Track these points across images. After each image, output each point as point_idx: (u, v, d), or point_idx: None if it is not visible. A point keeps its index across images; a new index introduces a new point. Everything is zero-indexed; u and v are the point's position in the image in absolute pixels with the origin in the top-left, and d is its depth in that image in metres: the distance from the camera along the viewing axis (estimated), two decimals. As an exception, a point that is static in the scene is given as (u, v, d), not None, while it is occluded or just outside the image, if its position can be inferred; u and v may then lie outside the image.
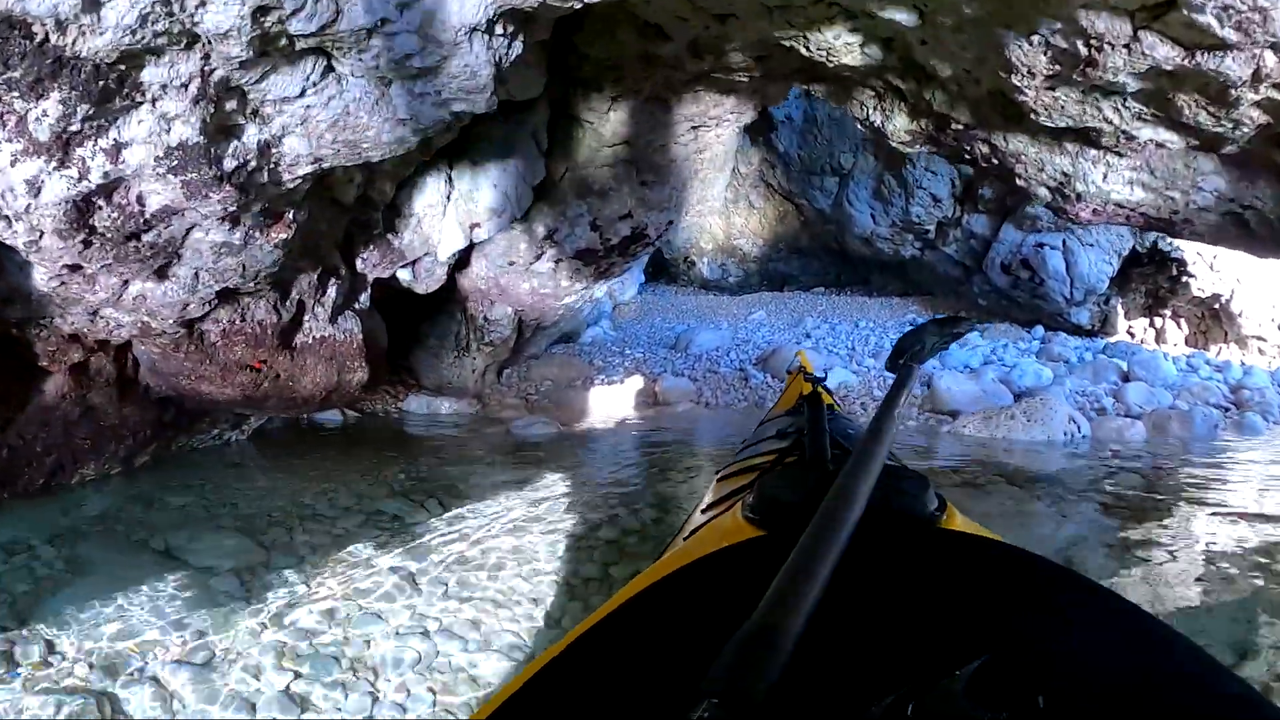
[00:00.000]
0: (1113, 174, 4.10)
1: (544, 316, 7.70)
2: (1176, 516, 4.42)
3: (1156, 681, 0.73)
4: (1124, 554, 3.80)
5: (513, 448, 5.84)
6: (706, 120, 6.52)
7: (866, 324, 11.24)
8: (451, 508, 4.31)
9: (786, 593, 0.69)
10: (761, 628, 0.64)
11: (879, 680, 0.66)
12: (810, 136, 12.21)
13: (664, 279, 15.34)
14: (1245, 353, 9.67)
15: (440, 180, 5.52)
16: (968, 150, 4.52)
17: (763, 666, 0.59)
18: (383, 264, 5.61)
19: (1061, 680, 0.70)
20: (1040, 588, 0.91)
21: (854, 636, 0.77)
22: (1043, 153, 4.22)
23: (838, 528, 0.80)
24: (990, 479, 5.06)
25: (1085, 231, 9.95)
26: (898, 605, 0.84)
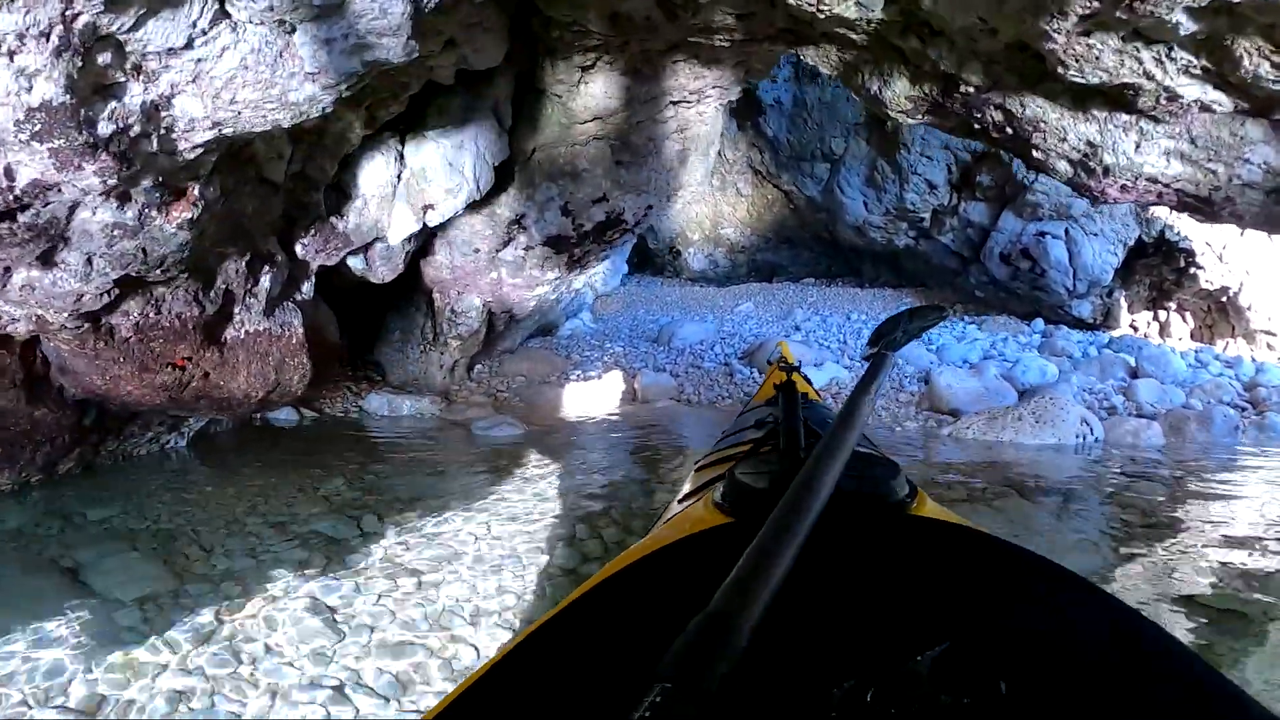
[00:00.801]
0: (1147, 143, 3.58)
1: (515, 308, 7.17)
2: (1217, 547, 3.91)
3: (1121, 665, 0.71)
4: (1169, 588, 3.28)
5: (472, 453, 5.31)
6: (687, 95, 5.97)
7: (859, 316, 10.79)
8: (391, 528, 3.81)
9: (745, 579, 0.65)
10: (717, 614, 0.61)
11: (842, 665, 0.65)
12: (800, 121, 11.68)
13: (649, 270, 14.87)
14: (1254, 348, 9.23)
15: (389, 158, 4.97)
16: (977, 118, 3.99)
17: (717, 653, 0.57)
18: (327, 250, 5.06)
19: (1025, 665, 0.68)
20: (1006, 573, 0.90)
21: (818, 622, 0.76)
22: (1065, 119, 3.69)
23: (801, 514, 0.77)
24: (999, 490, 4.55)
25: (1089, 220, 9.48)
26: (863, 590, 0.82)
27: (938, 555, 0.94)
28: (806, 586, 0.75)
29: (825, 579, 0.82)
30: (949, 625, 0.75)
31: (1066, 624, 0.80)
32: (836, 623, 0.77)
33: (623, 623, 0.85)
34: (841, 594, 0.82)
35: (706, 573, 0.73)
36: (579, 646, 0.82)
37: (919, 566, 0.90)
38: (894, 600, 0.81)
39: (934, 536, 1.02)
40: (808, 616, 0.76)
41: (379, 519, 3.91)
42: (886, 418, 6.56)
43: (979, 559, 0.94)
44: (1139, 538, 3.88)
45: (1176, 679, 0.71)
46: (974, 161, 10.24)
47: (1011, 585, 0.88)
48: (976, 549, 0.97)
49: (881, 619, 0.77)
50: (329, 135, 4.49)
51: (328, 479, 4.55)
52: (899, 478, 1.18)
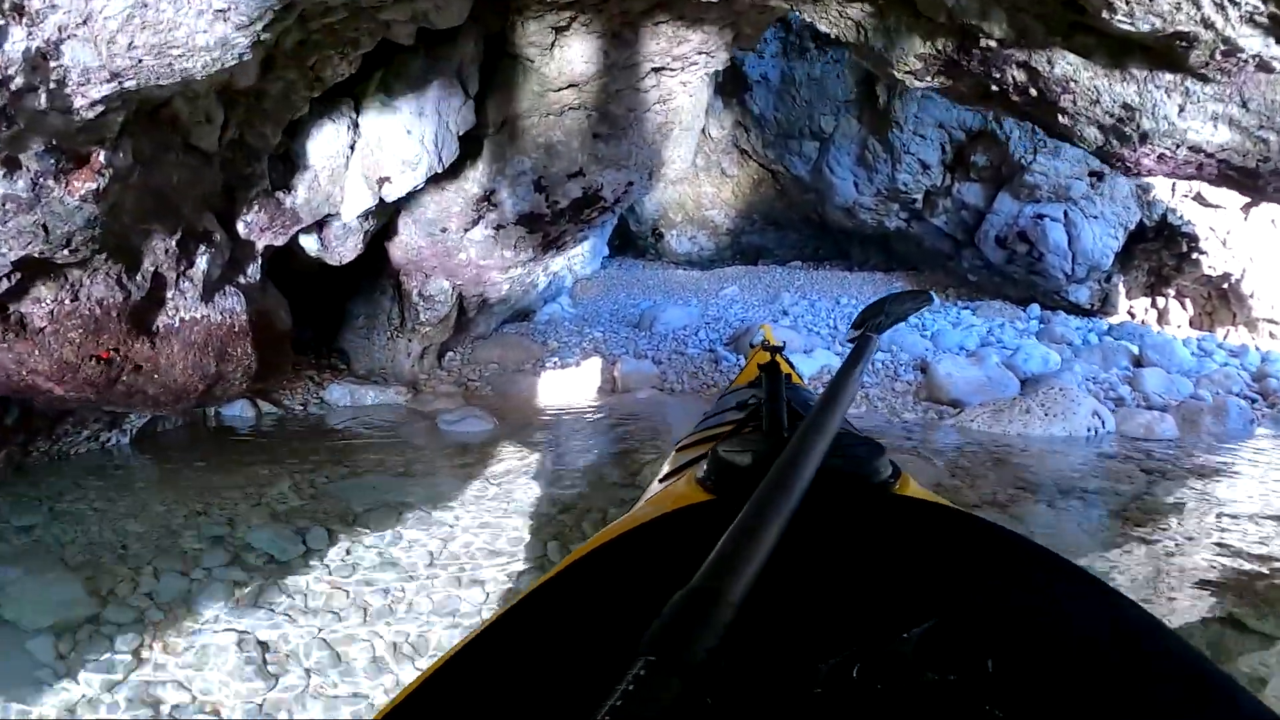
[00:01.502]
0: (1192, 106, 3.15)
1: (487, 292, 6.72)
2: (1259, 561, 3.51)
3: (1106, 644, 0.71)
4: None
5: (436, 451, 4.85)
6: (670, 62, 5.52)
7: (848, 301, 10.39)
8: (340, 545, 3.38)
9: (730, 555, 0.64)
10: (702, 589, 0.60)
11: (827, 642, 0.65)
12: (788, 98, 11.19)
13: (630, 253, 14.40)
14: (1255, 336, 8.89)
15: (342, 126, 4.50)
16: (996, 79, 3.55)
17: (702, 627, 0.56)
18: (274, 228, 4.59)
19: (1011, 643, 0.67)
20: (991, 552, 0.88)
21: (804, 598, 0.75)
22: (1099, 79, 3.25)
23: (786, 491, 0.75)
24: (1012, 493, 4.15)
25: (1089, 202, 9.09)
26: (848, 569, 0.82)
27: (922, 534, 0.93)
28: (791, 563, 0.74)
29: (810, 556, 0.82)
30: (935, 603, 0.73)
31: (1052, 603, 0.79)
32: (822, 600, 0.76)
33: (603, 598, 0.84)
34: (826, 571, 0.81)
35: (688, 549, 0.71)
36: (559, 621, 0.80)
37: (904, 545, 0.89)
38: (879, 578, 0.80)
39: (918, 515, 1.01)
40: (793, 593, 0.75)
41: (327, 533, 3.47)
42: (883, 408, 6.16)
43: (963, 538, 0.93)
44: (1174, 551, 3.48)
45: (1163, 659, 0.70)
46: (969, 141, 9.81)
47: (996, 564, 0.86)
48: (961, 528, 0.96)
49: (867, 596, 0.76)
50: (269, 98, 4.02)
51: (275, 483, 4.11)
52: (882, 458, 1.16)
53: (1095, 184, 9.08)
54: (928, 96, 9.64)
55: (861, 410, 6.09)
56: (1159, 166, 3.47)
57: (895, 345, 7.68)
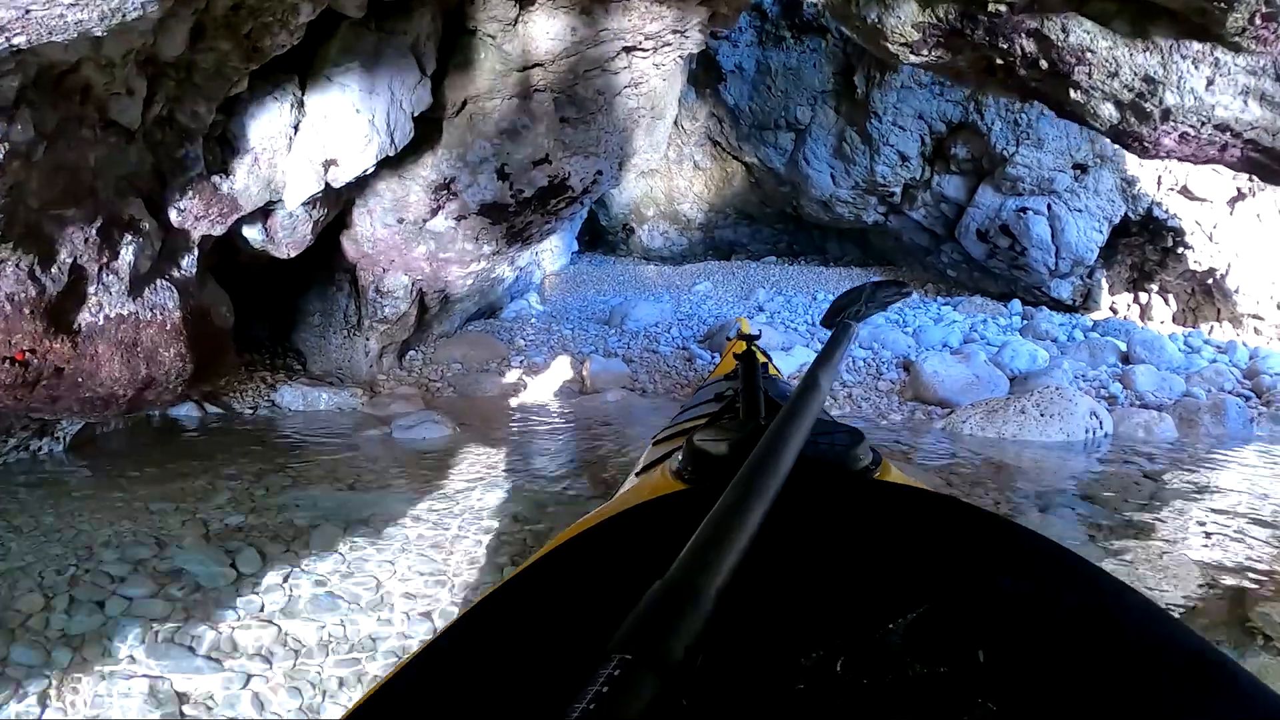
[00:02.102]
0: (1222, 79, 2.86)
1: (449, 287, 6.34)
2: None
3: (1103, 632, 0.67)
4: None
5: (389, 459, 4.47)
6: (642, 41, 5.17)
7: (825, 296, 10.13)
8: (274, 570, 3.00)
9: (707, 547, 0.61)
10: (677, 582, 0.57)
11: (811, 634, 0.63)
12: (763, 88, 10.88)
13: (601, 249, 14.09)
14: (1240, 332, 8.72)
15: (284, 103, 4.11)
16: (1002, 50, 3.24)
17: (679, 623, 0.53)
18: (210, 216, 4.19)
19: (1002, 632, 0.64)
20: (978, 537, 0.85)
21: (785, 590, 0.72)
22: (1119, 48, 2.95)
23: (764, 479, 0.73)
24: (1016, 502, 3.86)
25: (1073, 196, 8.87)
26: (830, 558, 0.79)
27: (906, 520, 0.89)
28: (771, 554, 0.71)
29: (790, 546, 0.79)
30: (922, 592, 0.69)
31: (1043, 588, 0.74)
32: (803, 591, 0.72)
33: (575, 592, 0.80)
34: (808, 561, 0.78)
35: (663, 540, 0.69)
36: (531, 616, 0.77)
37: (887, 532, 0.85)
38: (863, 567, 0.76)
39: (902, 502, 0.97)
40: (773, 585, 0.72)
41: (261, 556, 3.08)
42: (868, 408, 5.85)
43: (949, 523, 0.88)
44: (1194, 563, 3.19)
45: (1161, 646, 0.67)
46: (949, 132, 9.56)
47: (984, 550, 0.81)
48: (947, 514, 0.90)
49: (850, 586, 0.72)
50: (200, 70, 3.62)
51: (211, 496, 3.71)
52: (863, 444, 1.12)
53: (1079, 176, 8.87)
54: (907, 87, 9.39)
55: (845, 411, 5.78)
56: (1179, 147, 3.17)
57: (877, 343, 7.42)
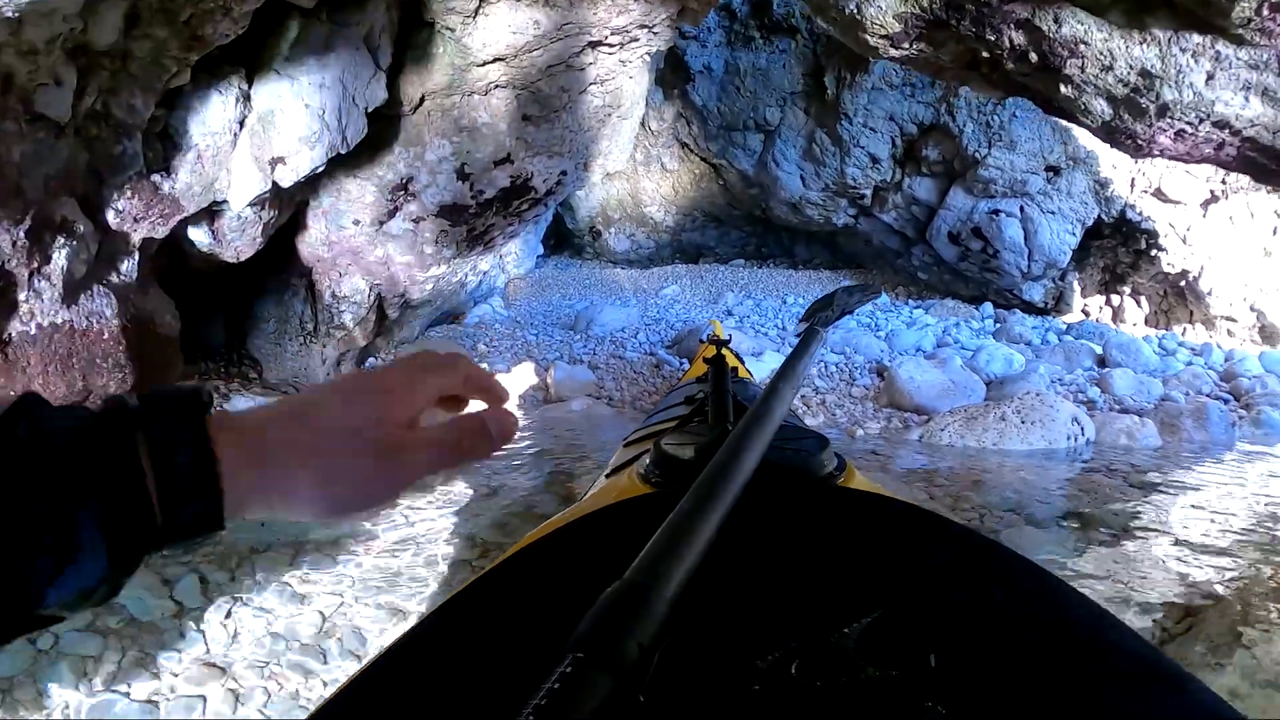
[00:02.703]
0: (1223, 74, 2.70)
1: (408, 292, 6.09)
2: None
3: (1052, 638, 0.68)
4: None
5: (344, 475, 4.21)
6: (609, 35, 4.97)
7: (795, 300, 9.98)
8: (217, 603, 2.77)
9: (665, 549, 0.61)
10: (634, 584, 0.56)
11: (767, 638, 0.64)
12: (732, 89, 10.69)
13: (567, 252, 13.86)
14: (1213, 334, 8.71)
15: (229, 97, 3.86)
16: (990, 42, 3.06)
17: (634, 623, 0.53)
18: (151, 217, 3.93)
19: (953, 637, 0.65)
20: (935, 545, 0.86)
21: (742, 595, 0.73)
22: (1115, 40, 2.79)
23: (725, 484, 0.73)
24: (1001, 515, 3.69)
25: (1046, 198, 8.79)
26: (789, 563, 0.80)
27: (866, 527, 0.89)
28: (731, 558, 0.70)
29: (750, 551, 0.79)
30: (878, 597, 0.70)
31: (996, 595, 0.75)
32: (762, 595, 0.73)
33: (539, 593, 0.80)
34: (767, 566, 0.79)
35: (628, 542, 0.66)
36: (494, 617, 0.77)
37: (847, 538, 0.86)
38: (821, 572, 0.78)
39: (861, 508, 0.96)
40: (732, 588, 0.72)
41: (203, 585, 2.84)
42: (843, 417, 5.67)
43: (907, 531, 0.89)
44: (1190, 579, 3.03)
45: (1109, 650, 0.68)
46: (920, 134, 9.44)
47: (940, 557, 0.82)
48: (904, 521, 0.92)
49: (808, 591, 0.74)
50: (136, 61, 3.37)
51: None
52: (827, 450, 1.13)
53: (1052, 179, 8.79)
54: (878, 88, 9.27)
55: (820, 420, 5.60)
56: (1174, 145, 3.02)
57: (849, 348, 7.25)
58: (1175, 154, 3.10)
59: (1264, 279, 8.58)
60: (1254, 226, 8.66)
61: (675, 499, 0.70)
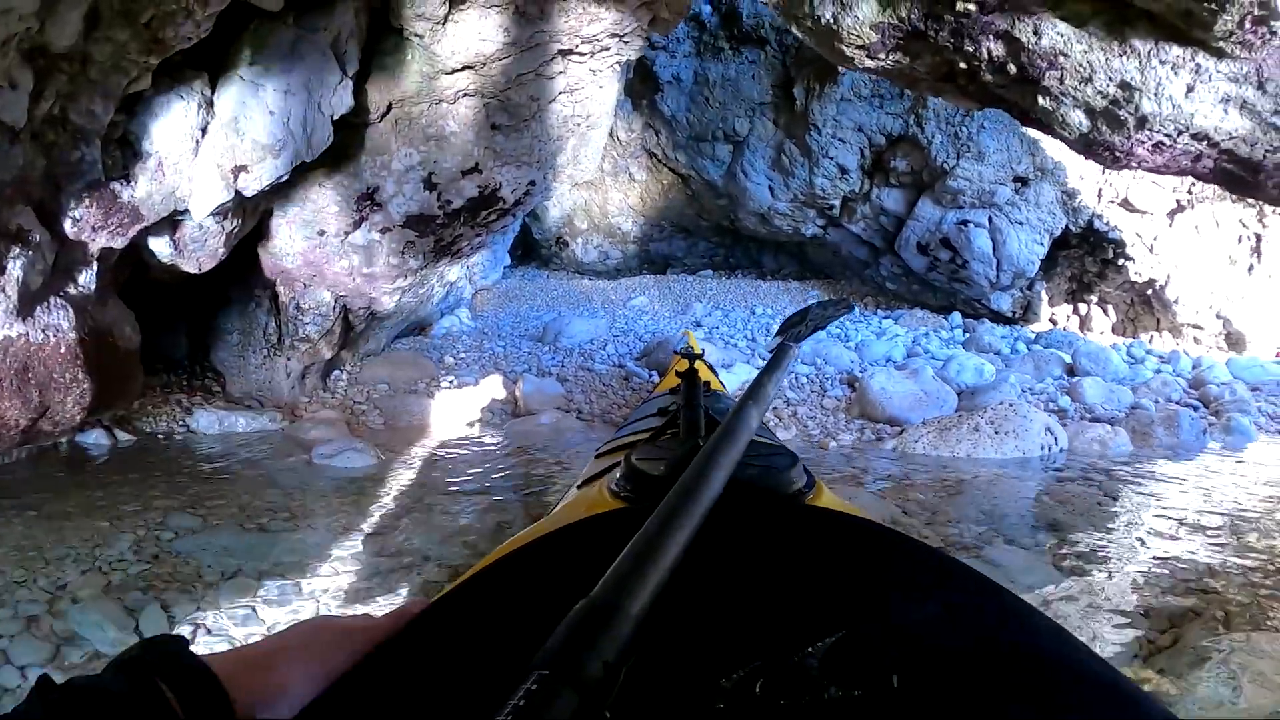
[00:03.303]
0: (1202, 86, 2.69)
1: (374, 304, 5.97)
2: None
3: (1014, 658, 0.68)
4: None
5: (309, 492, 4.10)
6: (579, 44, 4.91)
7: (764, 310, 9.97)
8: (177, 627, 2.68)
9: (632, 567, 0.62)
10: (601, 601, 0.57)
11: (732, 657, 0.63)
12: (701, 99, 10.68)
13: (534, 262, 13.76)
14: (1180, 341, 8.83)
15: (191, 103, 3.75)
16: (969, 53, 3.04)
17: (600, 641, 0.53)
18: (110, 227, 3.81)
19: (917, 657, 0.65)
20: (900, 564, 0.86)
21: (708, 614, 0.72)
22: (1095, 52, 2.77)
23: (693, 503, 0.73)
24: (979, 531, 3.66)
25: (1014, 209, 8.85)
26: (756, 582, 0.79)
27: (832, 546, 0.89)
28: (697, 577, 0.71)
29: (717, 569, 0.78)
30: (843, 617, 0.70)
31: (959, 615, 0.75)
32: (728, 614, 0.72)
33: (507, 609, 0.79)
34: (734, 584, 0.78)
35: (597, 558, 0.67)
36: (460, 633, 0.76)
37: (813, 558, 0.86)
38: (787, 591, 0.77)
39: (828, 527, 0.97)
40: (698, 607, 0.72)
41: (165, 613, 2.74)
42: (816, 429, 5.64)
43: (874, 550, 0.90)
44: (1171, 591, 3.02)
45: (1070, 672, 0.67)
46: (889, 145, 9.48)
47: (905, 577, 0.83)
48: (871, 540, 0.93)
49: (774, 610, 0.73)
50: (95, 65, 3.26)
51: (114, 541, 3.31)
52: (796, 467, 1.15)
53: (1020, 189, 8.85)
54: (847, 99, 9.29)
55: (793, 433, 5.56)
56: (1152, 157, 3.01)
57: (820, 359, 7.24)
58: (1153, 166, 3.09)
59: (1229, 287, 8.73)
60: (1220, 235, 8.81)
61: (645, 514, 0.71)
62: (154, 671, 0.59)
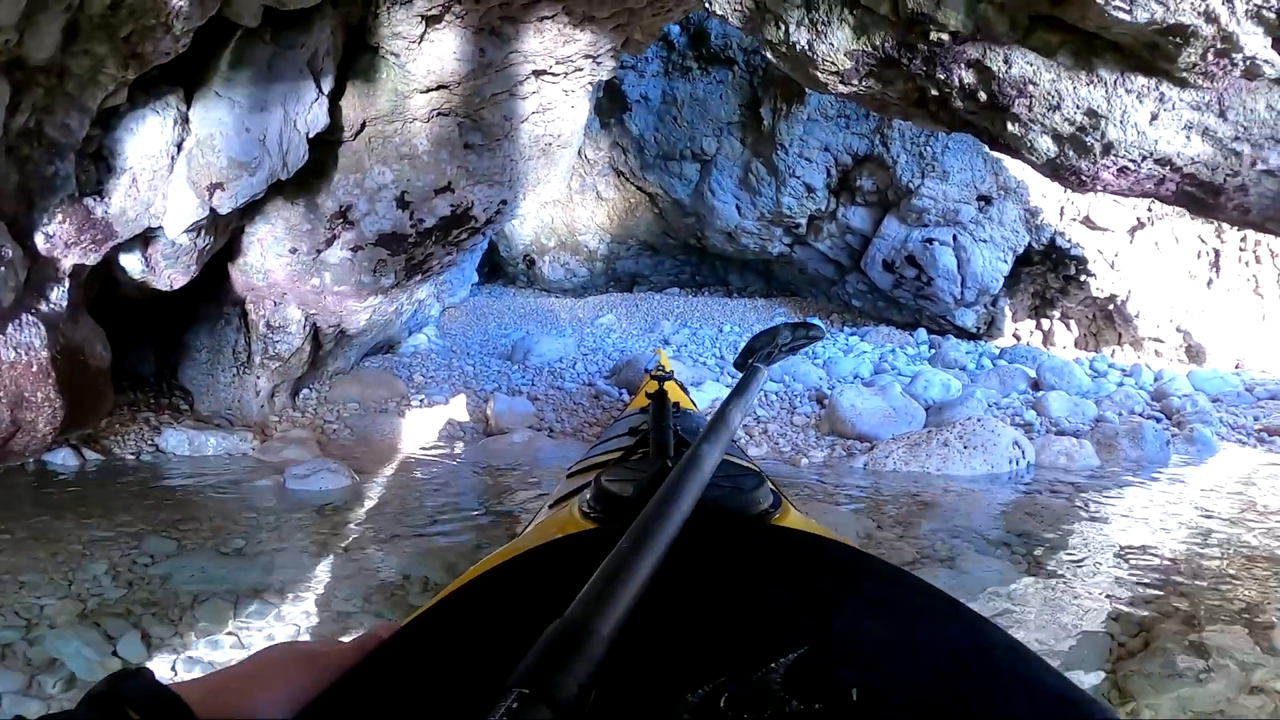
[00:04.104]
0: (1166, 114, 2.78)
1: (345, 322, 5.95)
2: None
3: (972, 674, 0.70)
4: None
5: (283, 514, 4.06)
6: (553, 65, 4.95)
7: (731, 328, 10.05)
8: (162, 657, 2.65)
9: (604, 589, 0.65)
10: (575, 622, 0.60)
11: (698, 674, 0.65)
12: (669, 119, 10.74)
13: (500, 280, 13.76)
14: (1141, 355, 9.05)
15: (167, 118, 3.73)
16: (940, 80, 3.12)
17: (574, 661, 0.56)
18: (83, 243, 3.78)
19: (876, 673, 0.67)
20: (862, 582, 0.89)
21: (675, 632, 0.74)
22: (1063, 81, 2.85)
23: (662, 525, 0.76)
24: (951, 544, 3.72)
25: (978, 227, 9.01)
26: (721, 601, 0.81)
27: (795, 566, 0.92)
28: (665, 596, 0.73)
29: (684, 588, 0.80)
30: (805, 634, 0.72)
31: (917, 630, 0.77)
32: (694, 631, 0.74)
33: (480, 629, 0.81)
34: (699, 604, 0.79)
35: (568, 579, 0.71)
36: (433, 653, 0.77)
37: (776, 577, 0.88)
38: (751, 609, 0.79)
39: (792, 548, 0.99)
40: (666, 625, 0.73)
41: (145, 641, 2.69)
42: (786, 446, 5.70)
43: (836, 570, 0.92)
44: (1144, 600, 3.09)
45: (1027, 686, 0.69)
46: (854, 164, 9.61)
47: (867, 595, 0.85)
48: (833, 560, 0.95)
49: (739, 628, 0.75)
50: (73, 78, 3.23)
51: (89, 564, 3.24)
52: (763, 488, 1.18)
53: (984, 208, 9.01)
54: (814, 119, 9.41)
55: (764, 449, 5.61)
56: (1117, 181, 3.10)
57: (788, 376, 7.31)
58: (1117, 189, 3.18)
59: (1189, 301, 8.95)
60: (1179, 251, 9.05)
61: (615, 536, 0.74)
62: (124, 702, 0.60)
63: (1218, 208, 3.19)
